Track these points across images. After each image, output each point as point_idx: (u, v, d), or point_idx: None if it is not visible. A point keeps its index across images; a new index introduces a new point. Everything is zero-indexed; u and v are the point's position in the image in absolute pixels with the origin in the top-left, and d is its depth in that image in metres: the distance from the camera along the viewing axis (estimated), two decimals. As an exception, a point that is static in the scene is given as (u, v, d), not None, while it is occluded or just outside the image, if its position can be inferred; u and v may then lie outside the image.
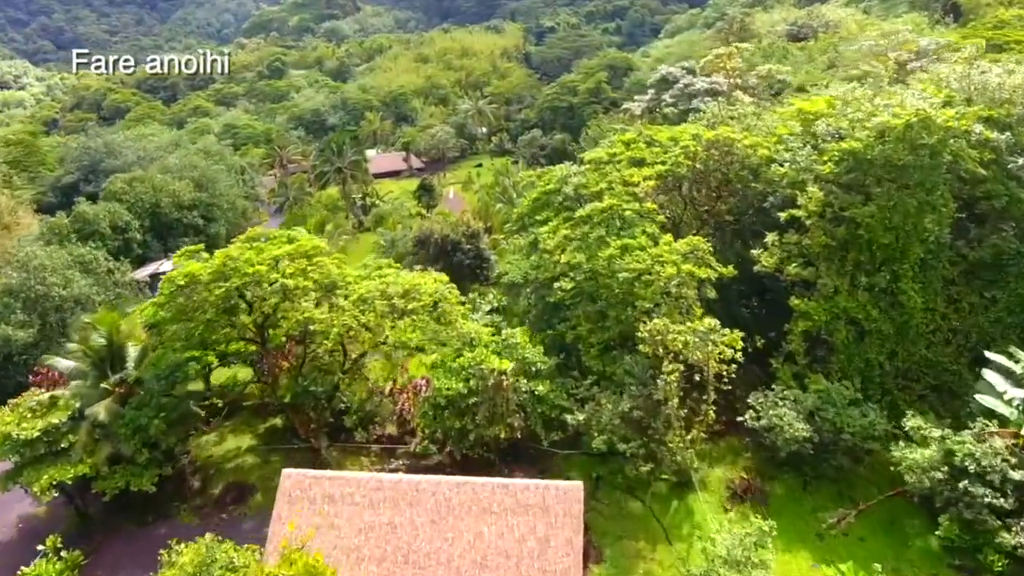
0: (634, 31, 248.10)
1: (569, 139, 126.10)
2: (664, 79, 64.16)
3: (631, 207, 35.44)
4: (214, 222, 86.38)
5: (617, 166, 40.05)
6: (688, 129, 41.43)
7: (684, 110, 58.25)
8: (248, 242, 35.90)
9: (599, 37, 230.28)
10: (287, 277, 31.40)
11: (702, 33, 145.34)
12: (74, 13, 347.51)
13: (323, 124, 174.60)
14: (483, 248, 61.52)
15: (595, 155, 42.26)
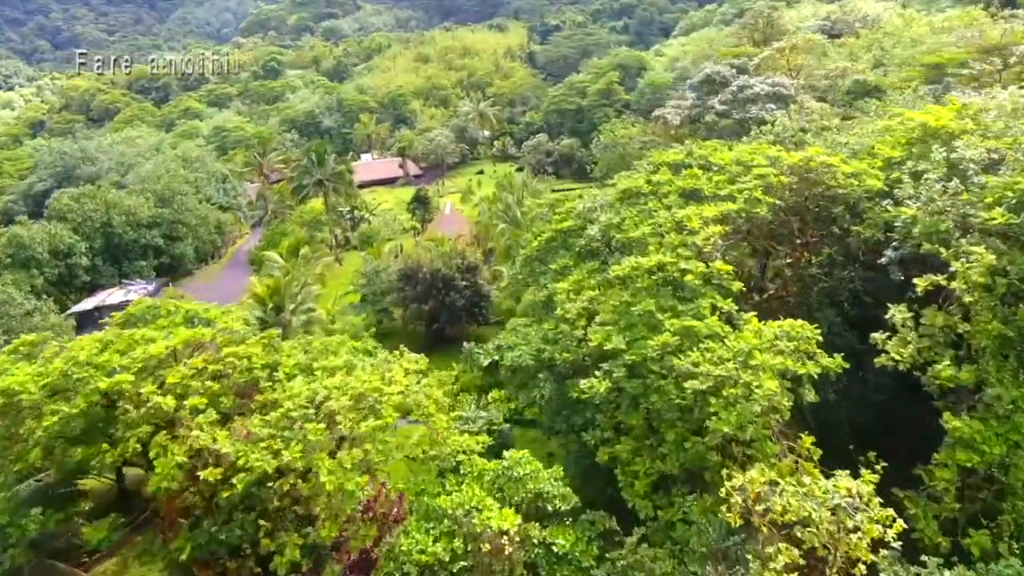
0: (642, 30, 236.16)
1: (578, 144, 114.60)
2: (709, 79, 52.38)
3: (692, 266, 23.82)
4: (179, 241, 75.02)
5: (664, 200, 28.44)
6: (761, 149, 29.76)
7: (740, 119, 46.67)
8: (125, 325, 24.42)
9: (606, 36, 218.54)
10: (171, 390, 19.99)
11: (719, 30, 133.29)
12: (72, 12, 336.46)
13: (318, 126, 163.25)
14: (481, 283, 50.00)
15: (631, 183, 30.66)
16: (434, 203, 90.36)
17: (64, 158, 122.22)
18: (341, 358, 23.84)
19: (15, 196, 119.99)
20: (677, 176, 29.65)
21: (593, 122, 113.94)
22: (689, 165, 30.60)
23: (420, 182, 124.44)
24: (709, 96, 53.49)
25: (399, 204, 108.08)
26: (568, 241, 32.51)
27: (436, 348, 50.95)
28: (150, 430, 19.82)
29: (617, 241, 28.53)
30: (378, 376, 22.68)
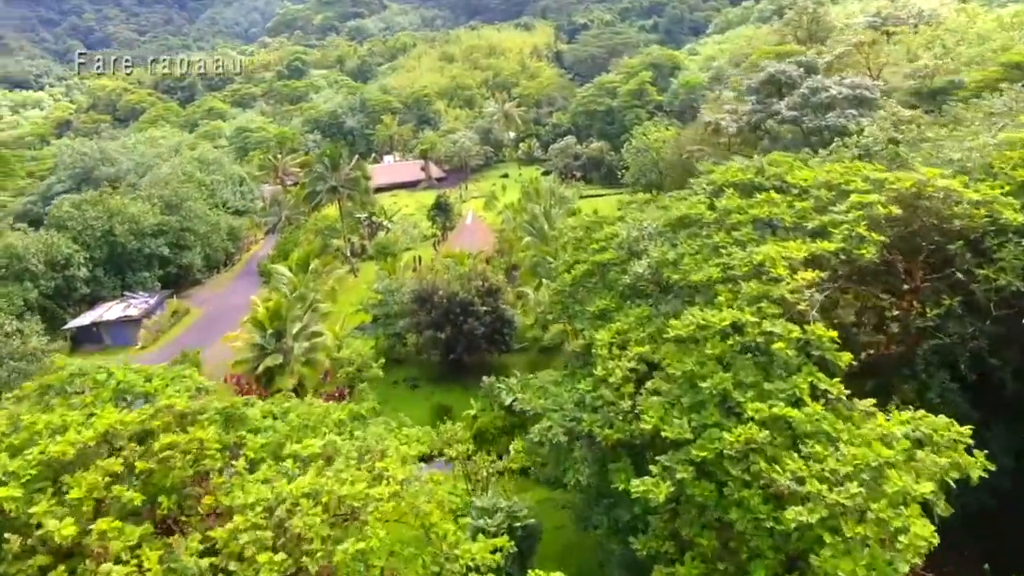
0: (672, 28, 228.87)
1: (607, 147, 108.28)
2: (773, 80, 45.43)
3: (781, 329, 17.80)
4: (187, 250, 70.39)
5: (733, 233, 22.43)
6: (856, 168, 23.52)
7: (814, 128, 39.87)
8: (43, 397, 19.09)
9: (635, 35, 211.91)
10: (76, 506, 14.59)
11: (757, 28, 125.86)
12: (104, 12, 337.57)
13: (341, 127, 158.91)
14: (504, 308, 44.26)
15: (688, 209, 24.64)
16: (456, 209, 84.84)
17: (83, 159, 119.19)
18: (320, 439, 18.24)
19: (34, 197, 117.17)
20: (748, 200, 23.58)
21: (624, 124, 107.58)
22: (764, 187, 24.50)
23: (443, 185, 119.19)
24: (771, 99, 46.59)
25: (420, 209, 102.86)
26: (609, 276, 26.65)
27: (452, 379, 45.49)
28: (46, 561, 14.52)
29: (673, 283, 22.60)
30: (366, 471, 17.04)
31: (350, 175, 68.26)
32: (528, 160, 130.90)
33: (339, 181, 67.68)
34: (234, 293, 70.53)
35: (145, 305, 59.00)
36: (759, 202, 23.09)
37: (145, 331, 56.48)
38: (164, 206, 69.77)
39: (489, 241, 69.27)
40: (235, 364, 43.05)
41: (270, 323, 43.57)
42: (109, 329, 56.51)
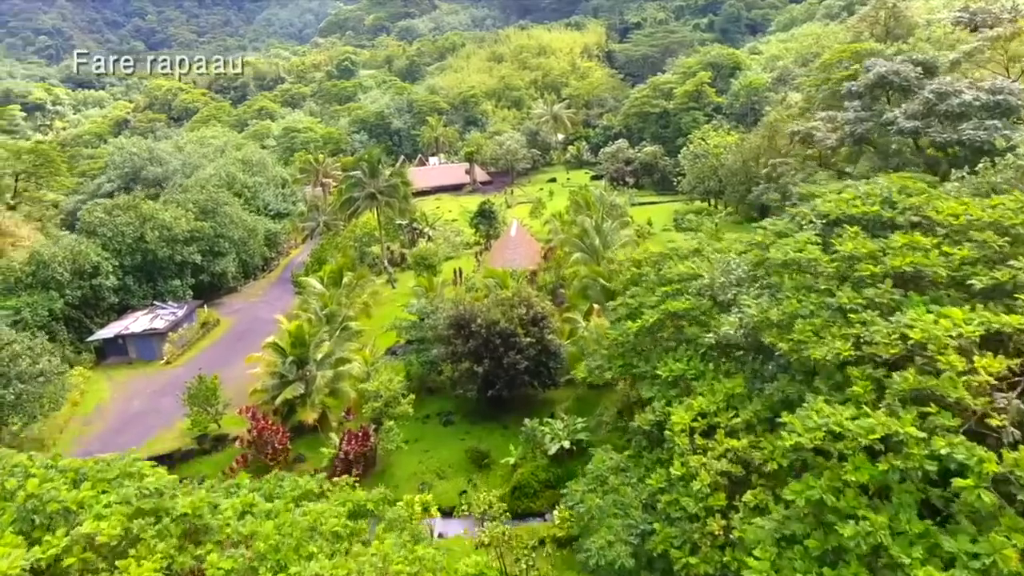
0: (728, 27, 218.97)
1: (662, 152, 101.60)
2: (883, 82, 37.63)
3: (964, 453, 11.97)
4: (220, 257, 67.08)
5: (864, 290, 16.62)
6: (1036, 204, 17.34)
7: (945, 141, 32.80)
8: None
9: (689, 33, 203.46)
10: None
11: (825, 25, 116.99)
12: (166, 15, 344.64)
13: (387, 128, 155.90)
14: (550, 339, 38.85)
15: (794, 250, 18.81)
16: (500, 216, 79.74)
17: (133, 159, 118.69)
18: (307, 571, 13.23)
19: (84, 197, 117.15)
20: (878, 242, 17.63)
21: (679, 127, 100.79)
22: (897, 224, 18.52)
23: (488, 189, 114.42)
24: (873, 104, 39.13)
25: (463, 215, 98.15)
26: (686, 331, 21.04)
27: (490, 415, 40.36)
28: None
29: (777, 349, 16.88)
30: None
31: (389, 181, 63.85)
32: (576, 164, 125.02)
33: (378, 188, 63.31)
34: (267, 304, 67.01)
35: (173, 317, 55.69)
36: (897, 247, 17.11)
37: (170, 345, 53.13)
38: (199, 211, 66.64)
39: (535, 254, 63.95)
40: (252, 393, 38.85)
41: (292, 349, 39.22)
42: (134, 342, 53.36)
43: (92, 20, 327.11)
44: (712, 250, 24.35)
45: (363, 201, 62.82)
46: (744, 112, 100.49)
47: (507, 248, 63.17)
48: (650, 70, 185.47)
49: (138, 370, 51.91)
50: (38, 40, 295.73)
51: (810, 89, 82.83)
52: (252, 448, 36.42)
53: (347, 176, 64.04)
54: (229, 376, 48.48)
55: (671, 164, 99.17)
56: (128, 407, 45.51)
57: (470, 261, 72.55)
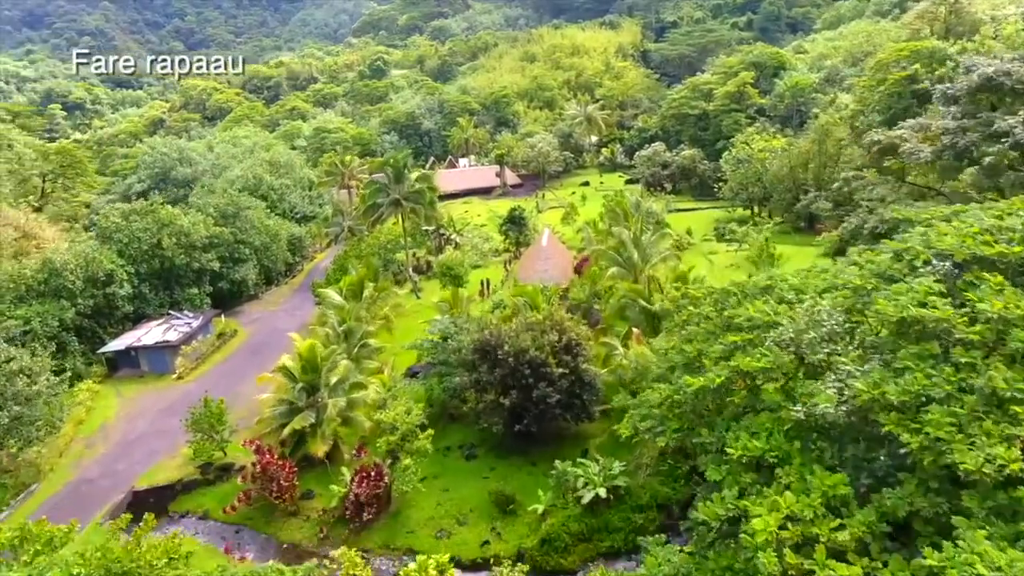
0: (768, 26, 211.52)
1: (700, 155, 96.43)
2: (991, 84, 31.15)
3: None
4: (240, 264, 64.26)
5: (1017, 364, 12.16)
6: None
7: None
8: None
9: (727, 32, 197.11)
10: None
11: (876, 23, 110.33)
12: (205, 15, 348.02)
13: (417, 128, 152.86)
14: (585, 368, 34.71)
15: (910, 307, 14.37)
16: (531, 222, 75.70)
17: (163, 159, 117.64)
18: None
19: (115, 197, 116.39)
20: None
21: (720, 130, 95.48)
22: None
23: (518, 192, 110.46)
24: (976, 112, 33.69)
25: (493, 219, 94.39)
26: (763, 396, 16.80)
27: (517, 449, 36.40)
28: None
29: (903, 443, 12.55)
30: None
31: (415, 187, 60.28)
32: (610, 167, 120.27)
33: (402, 194, 59.80)
34: (287, 313, 64.04)
35: (187, 328, 52.88)
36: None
37: (183, 359, 50.30)
38: (219, 216, 63.95)
39: (567, 266, 59.78)
40: (258, 422, 35.54)
41: (302, 374, 35.77)
42: (146, 355, 50.67)
43: (134, 21, 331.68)
44: (788, 287, 19.97)
45: (387, 208, 59.40)
46: (789, 114, 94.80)
47: (538, 259, 59.12)
48: (687, 70, 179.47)
49: (149, 385, 49.16)
50: (81, 40, 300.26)
51: (863, 90, 77.14)
52: (257, 483, 33.08)
53: (370, 182, 60.62)
54: (242, 393, 45.49)
55: (710, 168, 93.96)
56: (133, 427, 42.64)
57: (498, 270, 68.73)
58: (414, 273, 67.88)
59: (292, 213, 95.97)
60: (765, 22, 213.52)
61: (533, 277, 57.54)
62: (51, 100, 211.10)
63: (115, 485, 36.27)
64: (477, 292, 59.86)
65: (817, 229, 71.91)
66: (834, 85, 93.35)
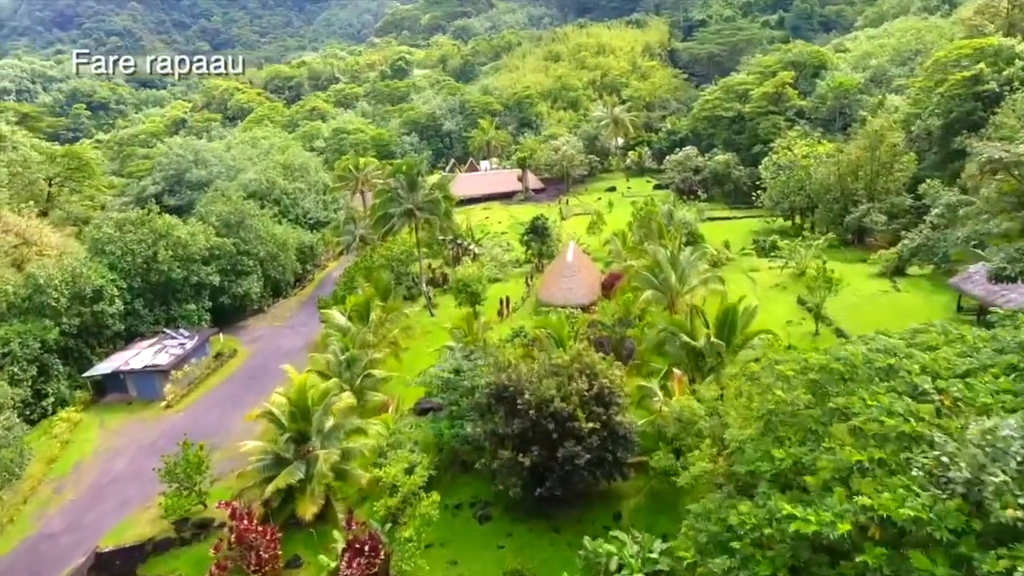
0: (799, 24, 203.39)
1: (735, 160, 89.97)
2: None
3: None
4: (244, 277, 59.58)
5: None
6: None
7: None
8: None
9: (758, 31, 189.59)
10: None
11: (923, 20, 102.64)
12: (231, 16, 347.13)
13: (438, 129, 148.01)
14: (619, 422, 29.06)
15: None
16: (554, 231, 70.01)
17: (178, 160, 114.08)
18: None
19: (130, 199, 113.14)
20: None
21: (756, 133, 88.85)
22: None
23: (541, 197, 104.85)
24: None
25: (514, 227, 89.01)
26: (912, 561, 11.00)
27: (538, 511, 30.88)
28: None
29: None
30: None
31: (430, 195, 54.99)
32: (638, 171, 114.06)
33: (416, 203, 54.57)
34: (292, 330, 59.27)
35: (179, 350, 48.20)
36: None
37: (172, 385, 45.62)
38: (222, 225, 59.31)
39: (594, 283, 54.06)
40: (239, 476, 30.48)
41: (291, 421, 30.63)
42: (134, 380, 46.09)
43: (161, 21, 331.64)
44: (919, 368, 14.21)
45: (400, 218, 54.21)
46: (831, 117, 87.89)
47: (562, 275, 53.48)
48: (716, 70, 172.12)
49: (135, 414, 44.52)
50: (109, 41, 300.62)
51: (918, 92, 70.33)
52: (234, 551, 28.01)
53: (381, 190, 55.44)
54: (232, 428, 40.69)
55: (746, 174, 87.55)
56: (110, 468, 37.91)
57: (519, 285, 63.22)
58: (429, 287, 62.65)
59: (305, 219, 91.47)
60: (797, 20, 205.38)
61: (557, 296, 52.04)
62: (76, 100, 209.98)
63: (79, 543, 31.47)
64: (496, 312, 54.48)
65: (868, 243, 65.33)
66: (881, 86, 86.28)
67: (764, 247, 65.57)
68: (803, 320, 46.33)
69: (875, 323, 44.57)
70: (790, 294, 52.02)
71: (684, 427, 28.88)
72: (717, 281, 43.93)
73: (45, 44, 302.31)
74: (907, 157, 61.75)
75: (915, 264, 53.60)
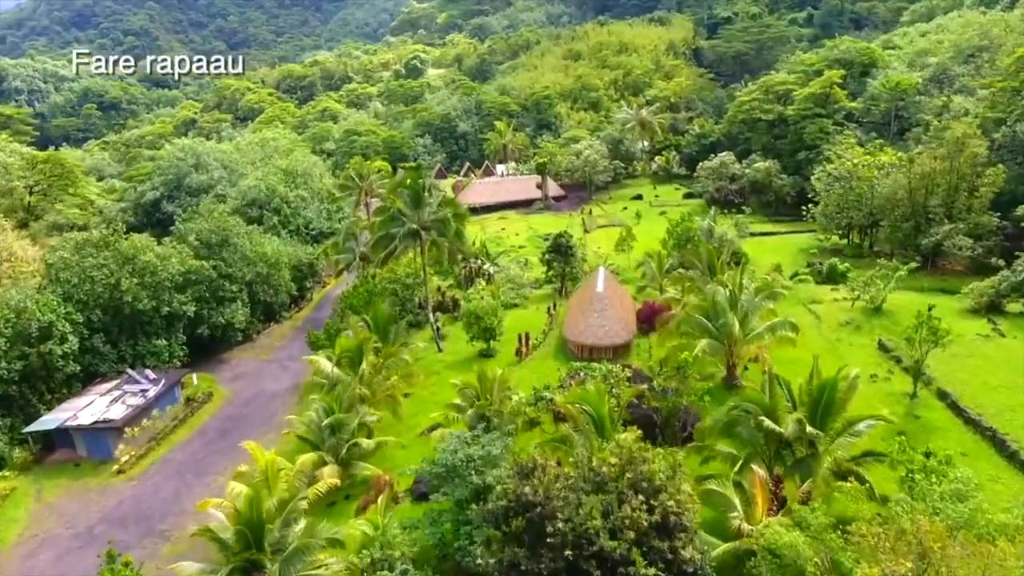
0: (829, 21, 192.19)
1: (777, 168, 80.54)
2: None
3: None
4: (226, 304, 51.42)
5: None
6: None
7: None
8: None
9: (786, 29, 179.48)
10: None
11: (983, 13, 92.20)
12: (247, 15, 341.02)
13: (453, 131, 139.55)
14: (688, 557, 20.21)
15: None
16: (578, 255, 61.14)
17: (178, 164, 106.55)
18: None
19: (128, 204, 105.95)
20: None
21: (801, 138, 79.21)
22: None
23: (562, 206, 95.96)
24: None
25: (533, 240, 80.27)
26: None
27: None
28: None
29: None
30: None
31: (438, 213, 46.45)
32: (665, 177, 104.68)
33: (422, 223, 46.07)
34: (280, 365, 51.09)
35: (139, 399, 40.10)
36: None
37: (126, 445, 37.55)
38: (202, 246, 51.17)
39: (628, 317, 45.19)
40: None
41: (239, 541, 22.18)
42: (83, 437, 38.12)
43: (178, 21, 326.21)
44: None
45: (402, 240, 45.69)
46: (884, 120, 78.07)
47: (591, 309, 44.60)
48: (742, 69, 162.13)
49: (79, 480, 36.44)
50: (126, 40, 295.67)
51: (995, 93, 60.57)
52: None
53: (380, 207, 46.94)
54: (190, 506, 32.33)
55: (789, 184, 78.10)
56: (30, 567, 29.76)
57: (540, 313, 54.41)
58: (437, 313, 54.05)
59: (307, 230, 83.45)
60: (826, 18, 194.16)
61: (586, 334, 43.24)
62: (87, 100, 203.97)
63: None
64: (514, 351, 45.81)
65: (941, 268, 55.76)
66: (942, 86, 76.31)
67: (821, 271, 56.26)
68: (890, 374, 37.14)
69: (985, 380, 35.60)
70: (865, 335, 42.84)
71: (782, 570, 20.09)
72: (788, 327, 34.91)
73: (63, 44, 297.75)
74: (993, 169, 52.15)
75: (1013, 298, 44.16)
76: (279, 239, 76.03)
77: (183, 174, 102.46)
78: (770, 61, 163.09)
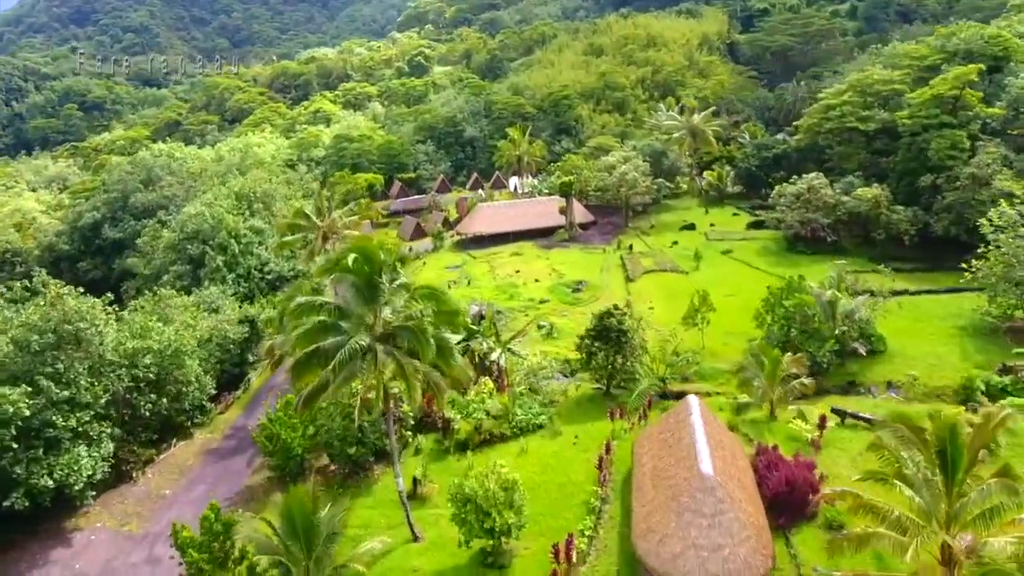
0: (875, 14, 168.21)
1: (886, 196, 57.62)
2: None
3: None
4: (55, 453, 29.53)
5: None
6: None
7: None
8: None
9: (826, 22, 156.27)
10: None
11: None
12: (251, 12, 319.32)
13: (459, 136, 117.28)
14: None
15: None
16: (637, 339, 38.62)
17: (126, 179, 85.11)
18: None
19: (65, 228, 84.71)
20: None
21: (924, 156, 56.19)
22: None
23: (591, 236, 73.53)
24: None
25: (557, 288, 57.87)
26: None
27: None
28: None
29: None
30: None
31: (407, 311, 24.55)
32: (717, 197, 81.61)
33: (377, 332, 24.33)
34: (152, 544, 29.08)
35: None
36: None
37: None
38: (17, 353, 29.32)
39: (755, 509, 23.10)
40: None
41: None
42: None
43: (180, 18, 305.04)
44: None
45: (344, 364, 23.56)
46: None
47: (693, 509, 22.32)
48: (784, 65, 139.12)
49: None
50: (125, 38, 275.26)
51: None
52: None
53: (298, 305, 24.33)
54: None
55: (906, 219, 55.25)
56: None
57: (582, 444, 31.90)
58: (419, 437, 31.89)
59: (261, 273, 61.70)
60: (871, 10, 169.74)
61: (687, 563, 21.07)
62: (69, 99, 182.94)
63: None
64: (548, 556, 23.69)
65: None
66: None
67: (1034, 383, 33.65)
68: None
69: None
70: None
71: None
72: None
73: (61, 41, 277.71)
74: None
75: None
76: (217, 287, 54.51)
77: (130, 191, 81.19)
78: (818, 57, 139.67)
